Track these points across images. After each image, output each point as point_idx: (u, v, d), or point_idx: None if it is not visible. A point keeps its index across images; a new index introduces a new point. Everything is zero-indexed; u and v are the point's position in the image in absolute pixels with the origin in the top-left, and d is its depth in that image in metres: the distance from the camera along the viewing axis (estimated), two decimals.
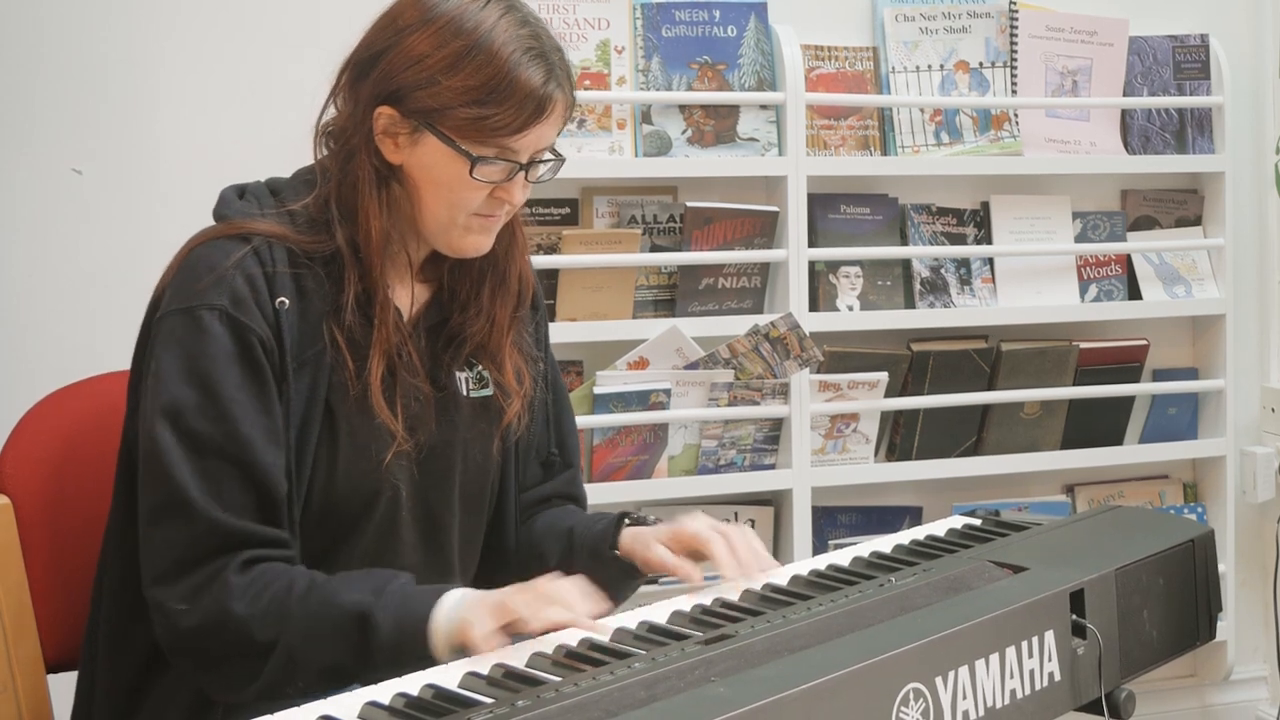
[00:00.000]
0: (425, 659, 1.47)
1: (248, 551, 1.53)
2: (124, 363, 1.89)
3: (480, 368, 1.74)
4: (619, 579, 1.71)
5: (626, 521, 1.74)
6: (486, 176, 1.60)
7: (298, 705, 1.32)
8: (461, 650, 1.46)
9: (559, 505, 1.87)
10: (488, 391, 1.74)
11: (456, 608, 1.48)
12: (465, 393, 1.72)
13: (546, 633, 1.45)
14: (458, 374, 1.72)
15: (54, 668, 1.80)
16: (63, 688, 1.79)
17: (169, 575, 1.53)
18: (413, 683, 1.35)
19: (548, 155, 1.65)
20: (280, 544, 1.57)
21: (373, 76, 1.60)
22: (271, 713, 1.29)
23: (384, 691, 1.33)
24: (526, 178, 1.63)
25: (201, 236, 1.63)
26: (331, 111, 1.67)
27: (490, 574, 1.78)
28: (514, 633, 1.46)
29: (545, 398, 1.84)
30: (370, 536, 1.65)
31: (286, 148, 1.91)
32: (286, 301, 1.59)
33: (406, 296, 1.69)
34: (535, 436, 1.84)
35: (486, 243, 1.66)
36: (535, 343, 1.82)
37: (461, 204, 1.61)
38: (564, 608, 1.46)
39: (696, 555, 1.68)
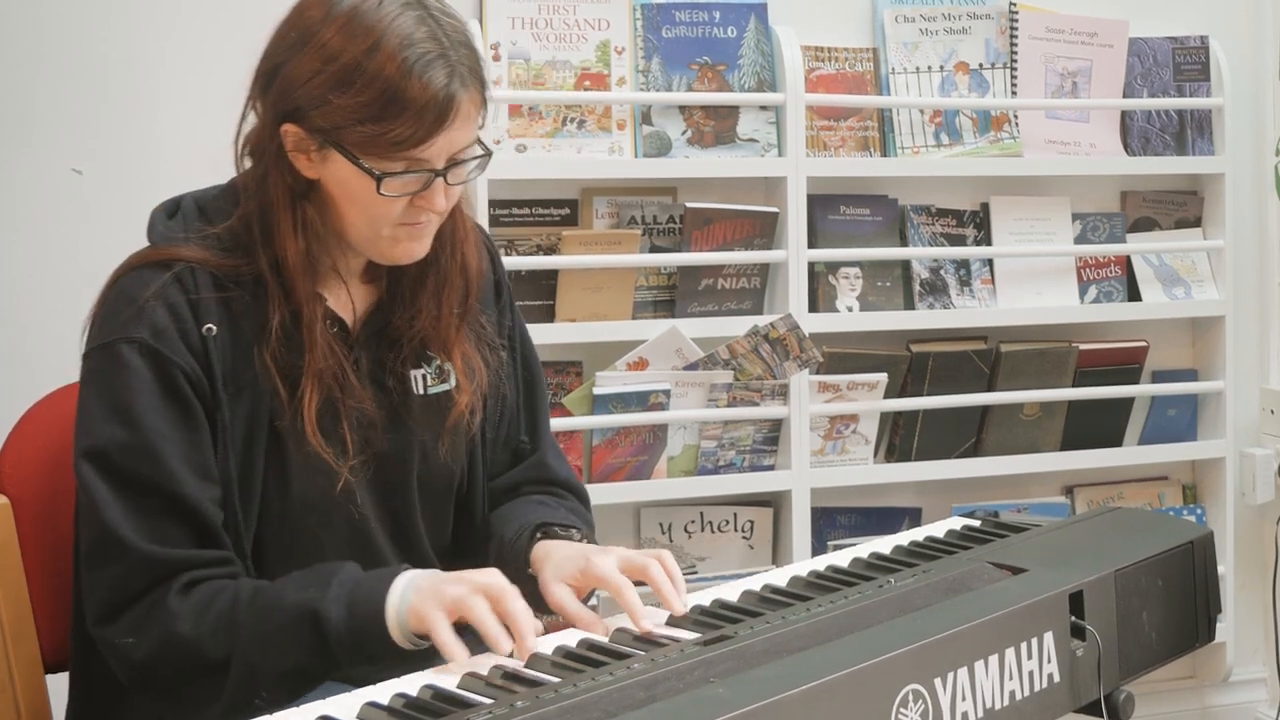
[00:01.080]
0: (385, 647, 1.45)
1: (186, 575, 1.51)
2: None
3: (438, 361, 1.69)
4: (536, 596, 1.60)
5: (538, 536, 1.67)
6: (398, 190, 1.53)
7: (297, 705, 1.32)
8: (418, 637, 1.45)
9: (528, 493, 1.81)
10: (447, 385, 1.70)
11: (405, 592, 1.45)
12: (422, 390, 1.68)
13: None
14: (412, 372, 1.67)
15: (52, 667, 1.79)
16: (61, 687, 1.79)
17: (110, 613, 1.51)
18: (412, 683, 1.35)
19: (471, 152, 1.57)
20: (222, 563, 1.54)
21: (273, 91, 1.54)
22: (270, 712, 1.29)
23: (383, 692, 1.33)
24: (447, 181, 1.56)
25: (124, 267, 1.60)
26: (252, 119, 1.60)
27: (460, 563, 1.73)
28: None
29: (513, 386, 1.79)
30: (341, 549, 1.62)
31: None
32: (214, 328, 1.55)
33: (347, 305, 1.64)
34: (504, 426, 1.80)
35: (420, 249, 1.60)
36: (498, 330, 1.77)
37: (381, 217, 1.55)
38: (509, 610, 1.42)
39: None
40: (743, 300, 2.74)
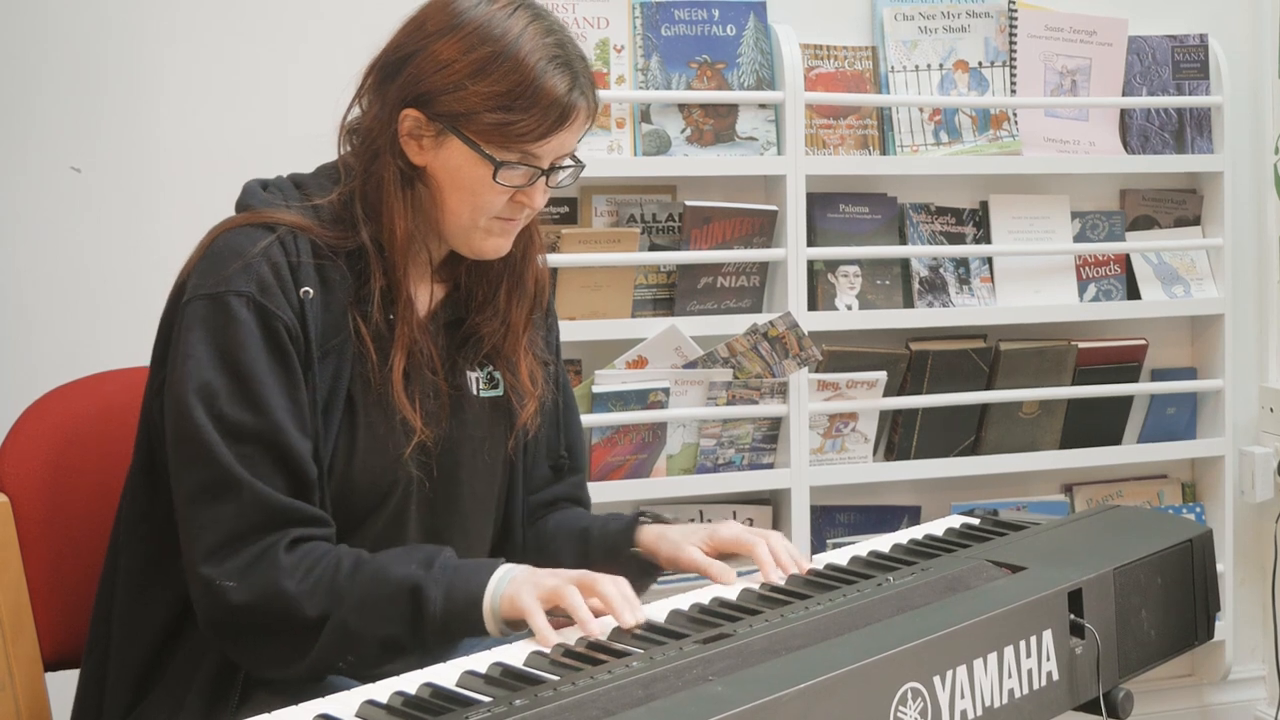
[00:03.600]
0: (477, 633, 1.52)
1: (295, 530, 1.56)
2: (123, 362, 1.90)
3: (491, 368, 1.76)
4: (636, 576, 1.72)
5: (642, 520, 1.78)
6: (509, 181, 1.62)
7: (295, 705, 1.32)
8: (509, 625, 1.51)
9: (565, 508, 1.89)
10: (497, 392, 1.76)
11: (501, 582, 1.52)
12: (476, 392, 1.74)
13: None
14: (469, 374, 1.74)
15: (52, 666, 1.80)
16: (61, 686, 1.79)
17: (218, 553, 1.54)
18: (410, 681, 1.35)
19: (568, 161, 1.67)
20: (322, 523, 1.59)
21: (399, 79, 1.62)
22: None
23: (382, 690, 1.34)
24: (548, 183, 1.66)
25: (226, 224, 1.64)
26: (356, 111, 1.68)
27: None
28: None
29: (556, 400, 1.86)
30: (378, 528, 1.67)
31: (287, 146, 1.92)
32: (311, 291, 1.60)
33: (424, 294, 1.71)
34: (545, 439, 1.86)
35: (506, 245, 1.69)
36: (546, 345, 1.85)
37: (483, 207, 1.64)
38: (614, 605, 1.49)
39: (727, 559, 1.72)
40: (742, 299, 2.74)
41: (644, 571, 1.77)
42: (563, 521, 1.86)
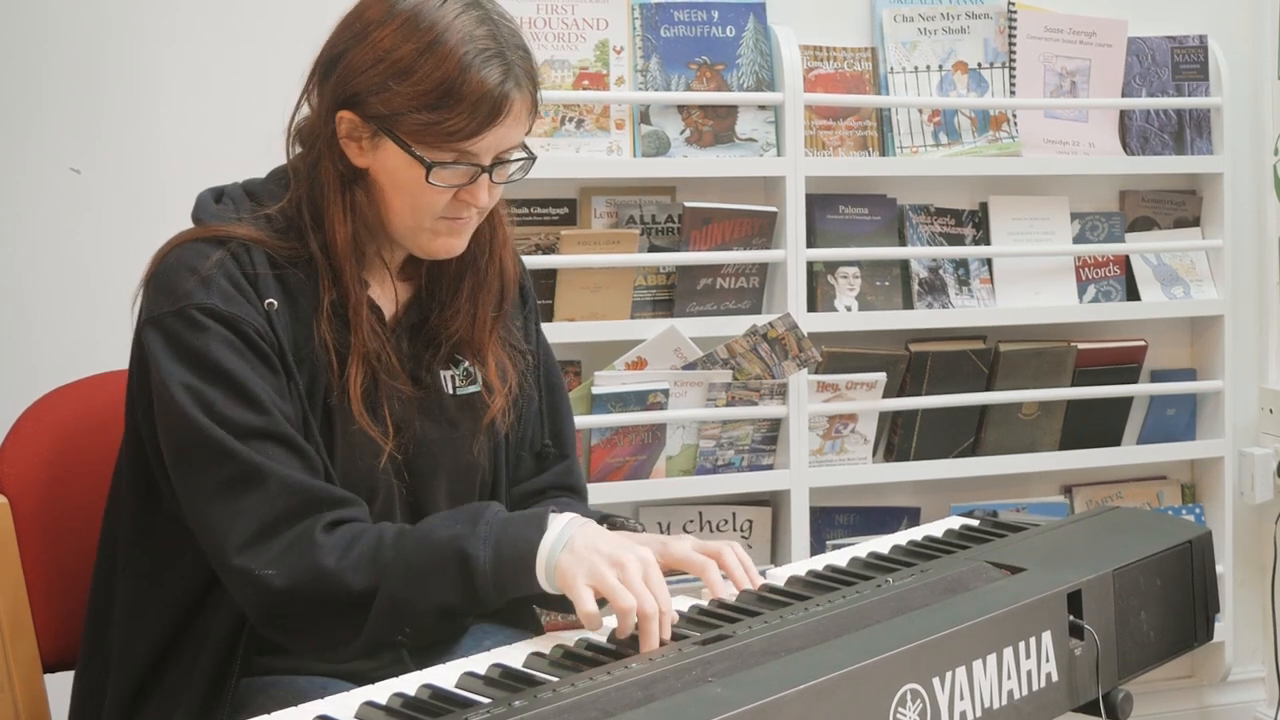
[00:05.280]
0: (532, 590, 1.48)
1: (329, 514, 1.53)
2: (122, 362, 1.89)
3: (466, 364, 1.72)
4: None
5: (605, 528, 1.70)
6: (445, 181, 1.57)
7: (294, 705, 1.32)
8: (562, 592, 1.47)
9: (554, 497, 1.84)
10: (475, 387, 1.73)
11: (558, 544, 1.47)
12: (451, 390, 1.71)
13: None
14: (442, 372, 1.71)
15: (51, 667, 1.80)
16: (60, 687, 1.79)
17: (253, 541, 1.51)
18: (410, 683, 1.35)
19: (516, 154, 1.62)
20: (354, 503, 1.56)
21: (333, 79, 1.59)
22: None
23: (381, 691, 1.34)
24: (492, 179, 1.60)
25: (173, 241, 1.61)
26: (305, 110, 1.65)
27: None
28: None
29: (537, 390, 1.82)
30: None
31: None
32: (275, 303, 1.58)
33: (388, 297, 1.68)
34: (527, 430, 1.82)
35: (458, 244, 1.65)
36: (524, 335, 1.80)
37: (425, 208, 1.59)
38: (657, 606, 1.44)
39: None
40: (741, 300, 2.74)
41: None
42: None
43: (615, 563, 1.45)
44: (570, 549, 1.47)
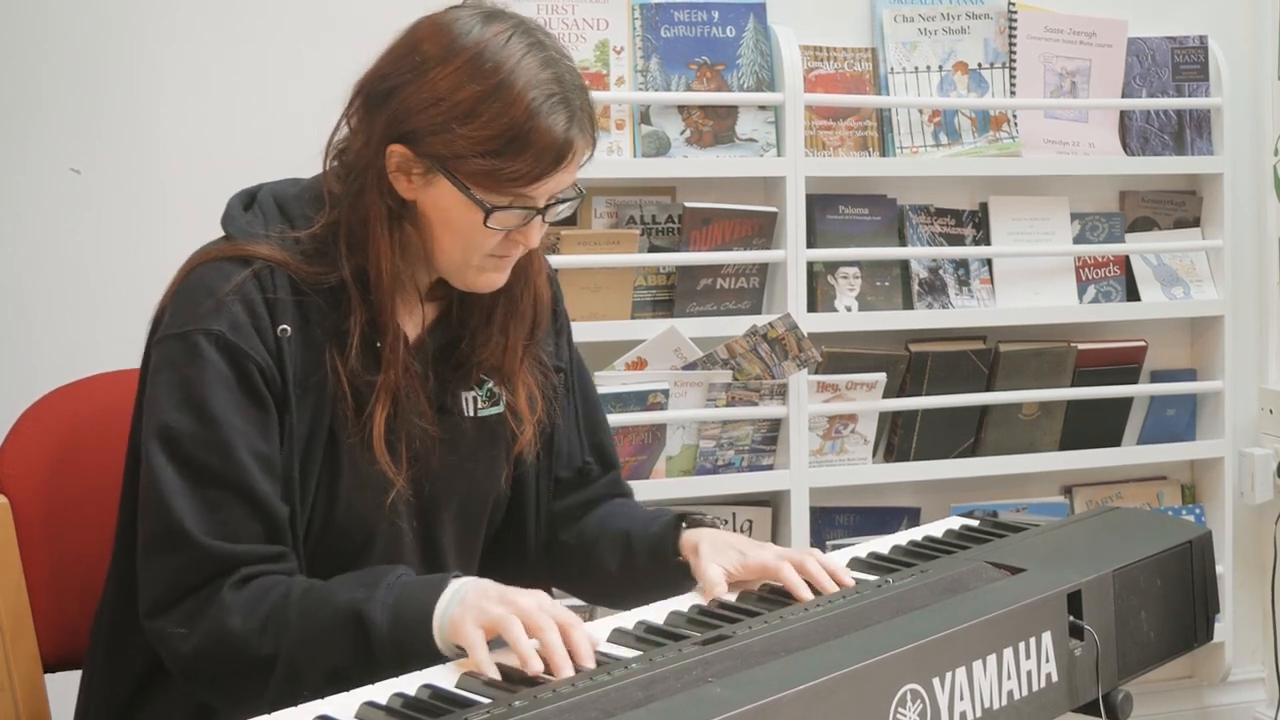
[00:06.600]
0: (429, 654, 1.44)
1: (244, 569, 1.51)
2: (123, 363, 1.90)
3: (490, 384, 1.70)
4: (679, 581, 1.67)
5: (684, 524, 1.70)
6: (502, 224, 1.55)
7: (294, 705, 1.32)
8: (458, 648, 1.44)
9: (607, 504, 1.83)
10: (497, 409, 1.71)
11: (451, 602, 1.45)
12: (472, 413, 1.69)
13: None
14: (464, 394, 1.68)
15: (51, 668, 1.79)
16: (60, 688, 1.79)
17: (165, 603, 1.51)
18: (410, 683, 1.35)
19: (569, 192, 1.59)
20: (279, 558, 1.54)
21: (386, 112, 1.54)
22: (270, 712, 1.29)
23: (381, 691, 1.33)
24: (544, 219, 1.58)
25: (202, 256, 1.60)
26: (344, 130, 1.61)
27: (509, 579, 1.74)
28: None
29: (570, 410, 1.81)
30: (374, 560, 1.62)
31: (287, 147, 1.91)
32: (289, 329, 1.56)
33: (414, 320, 1.66)
34: (566, 447, 1.81)
35: (501, 279, 1.62)
36: (556, 352, 1.79)
37: (476, 247, 1.57)
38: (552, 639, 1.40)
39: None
40: (741, 300, 2.74)
41: (688, 577, 1.67)
42: (606, 521, 1.79)
43: (505, 602, 1.43)
44: (462, 603, 1.44)
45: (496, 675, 1.37)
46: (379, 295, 1.57)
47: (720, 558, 1.62)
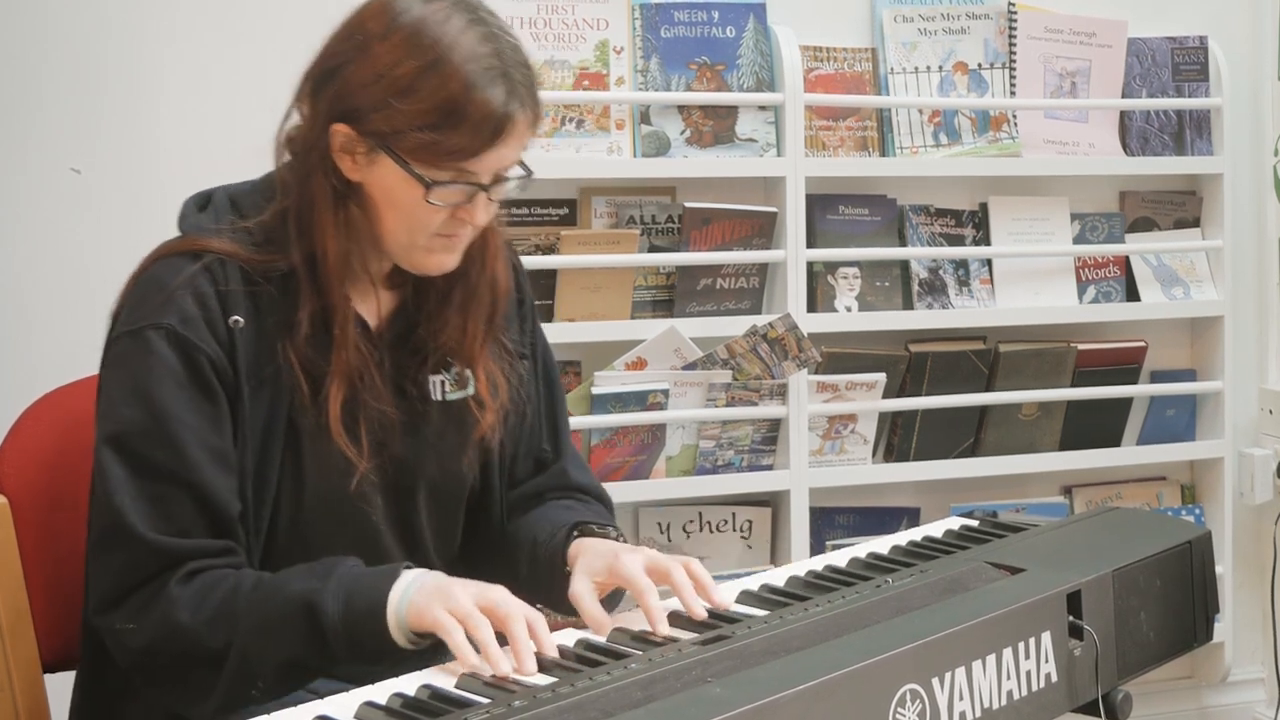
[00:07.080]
0: (383, 644, 1.44)
1: (191, 564, 1.51)
2: None
3: (457, 368, 1.69)
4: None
5: (575, 534, 1.67)
6: (444, 200, 1.54)
7: (294, 705, 1.32)
8: (418, 635, 1.44)
9: (551, 498, 1.81)
10: (466, 392, 1.70)
11: (408, 591, 1.44)
12: (441, 397, 1.68)
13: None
14: (431, 378, 1.68)
15: (51, 667, 1.79)
16: (60, 688, 1.79)
17: (111, 599, 1.52)
18: (409, 683, 1.36)
19: (515, 170, 1.59)
20: (227, 552, 1.54)
21: (329, 91, 1.55)
22: (264, 705, 1.29)
23: (381, 692, 1.34)
24: (490, 197, 1.58)
25: (155, 254, 1.61)
26: (296, 118, 1.62)
27: (475, 570, 1.71)
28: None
29: (534, 395, 1.80)
30: (350, 551, 1.60)
31: None
32: (241, 320, 1.56)
33: (371, 307, 1.65)
34: (527, 435, 1.80)
35: (452, 260, 1.61)
36: (521, 338, 1.78)
37: (421, 226, 1.56)
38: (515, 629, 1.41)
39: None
40: (741, 300, 2.74)
41: None
42: (522, 529, 1.76)
43: (469, 592, 1.43)
44: (421, 589, 1.44)
45: (475, 658, 1.37)
46: (326, 277, 1.57)
47: (591, 569, 1.59)
